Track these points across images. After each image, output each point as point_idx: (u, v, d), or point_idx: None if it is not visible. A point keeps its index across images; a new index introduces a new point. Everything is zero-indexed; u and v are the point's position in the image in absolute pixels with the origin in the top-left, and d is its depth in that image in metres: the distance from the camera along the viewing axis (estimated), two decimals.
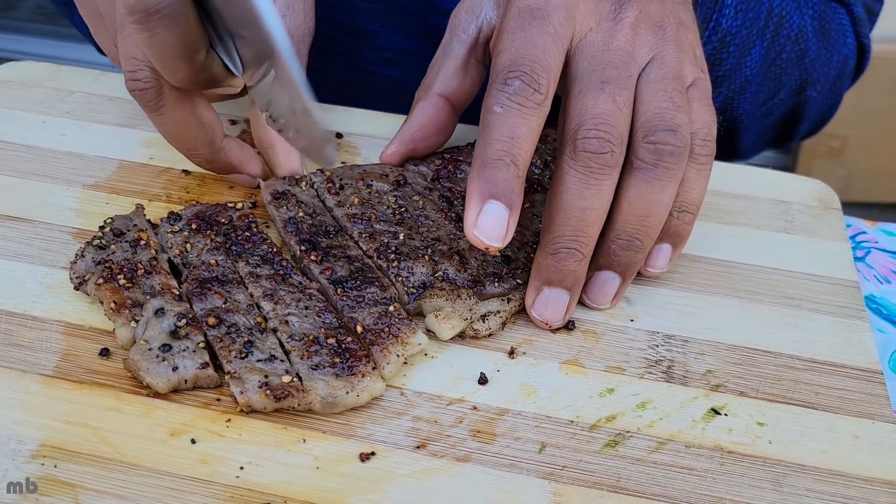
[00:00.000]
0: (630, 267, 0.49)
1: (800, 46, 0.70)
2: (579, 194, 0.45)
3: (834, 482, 0.42)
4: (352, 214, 0.51)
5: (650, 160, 0.46)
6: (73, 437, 0.40)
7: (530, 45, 0.45)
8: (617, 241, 0.47)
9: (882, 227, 0.64)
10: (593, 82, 0.46)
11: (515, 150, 0.43)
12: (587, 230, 0.45)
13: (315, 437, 0.42)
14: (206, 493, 0.39)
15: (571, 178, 0.45)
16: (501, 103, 0.44)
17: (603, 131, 0.44)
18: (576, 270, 0.46)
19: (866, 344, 0.50)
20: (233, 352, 0.43)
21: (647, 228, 0.47)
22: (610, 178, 0.45)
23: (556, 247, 0.46)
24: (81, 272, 0.47)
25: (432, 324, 0.47)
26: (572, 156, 0.45)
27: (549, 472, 0.41)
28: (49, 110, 0.62)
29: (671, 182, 0.47)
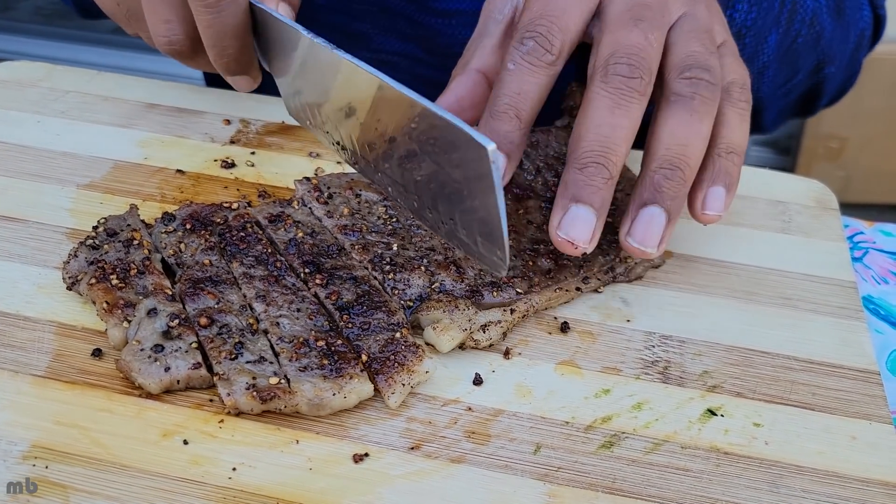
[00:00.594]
0: (675, 200, 0.47)
1: (815, 30, 0.70)
2: (610, 112, 0.45)
3: (830, 483, 0.42)
4: (343, 226, 0.51)
5: (687, 92, 0.47)
6: (65, 438, 0.40)
7: (551, 6, 0.47)
8: (660, 170, 0.46)
9: (880, 228, 0.64)
10: (626, 20, 0.47)
11: (521, 104, 0.46)
12: (616, 148, 0.45)
13: (308, 438, 0.41)
14: (197, 495, 0.39)
15: (602, 98, 0.45)
16: (514, 61, 0.46)
17: (635, 60, 0.45)
18: (603, 189, 0.45)
19: (864, 345, 0.50)
20: (223, 353, 0.42)
21: (688, 158, 0.46)
22: (639, 104, 0.46)
23: (585, 161, 0.45)
24: (74, 272, 0.47)
25: (431, 336, 0.46)
26: (603, 79, 0.46)
27: (543, 474, 0.41)
28: (44, 110, 0.62)
29: (708, 115, 0.47)
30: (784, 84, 0.73)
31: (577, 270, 0.50)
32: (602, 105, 0.45)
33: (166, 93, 0.65)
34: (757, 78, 0.70)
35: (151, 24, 0.52)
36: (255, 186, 0.57)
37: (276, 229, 0.50)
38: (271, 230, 0.50)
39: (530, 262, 0.50)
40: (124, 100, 0.64)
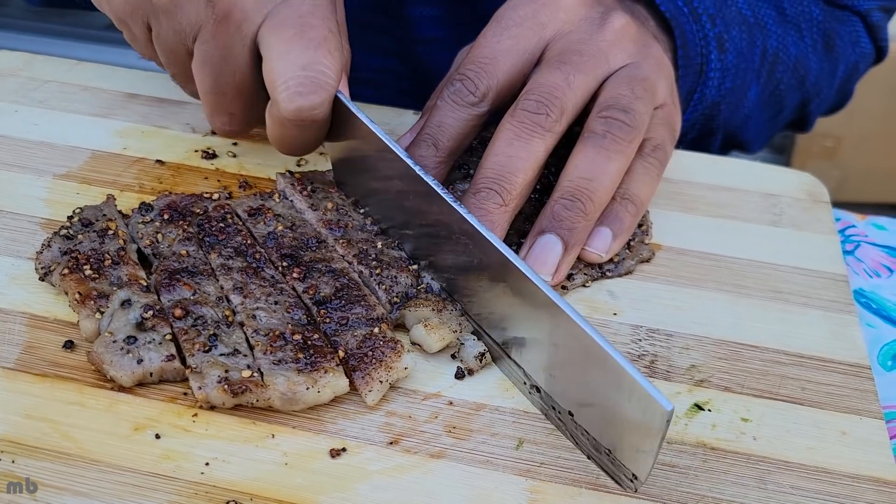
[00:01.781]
0: (572, 232, 0.48)
1: (799, 73, 0.71)
2: (508, 143, 0.47)
3: (819, 479, 0.41)
4: (328, 220, 0.50)
5: (600, 130, 0.49)
6: (33, 432, 0.39)
7: (483, 53, 0.50)
8: (561, 200, 0.48)
9: (872, 221, 0.63)
10: (552, 64, 0.50)
11: (439, 135, 0.50)
12: (510, 177, 0.47)
13: (284, 433, 0.40)
14: (168, 490, 0.37)
15: (505, 130, 0.48)
16: (442, 98, 0.50)
17: (544, 98, 0.48)
18: (493, 213, 0.47)
19: (855, 338, 0.49)
20: (196, 345, 0.41)
21: (590, 192, 0.48)
22: (542, 139, 0.48)
23: (478, 186, 0.47)
24: (47, 262, 0.46)
25: (419, 334, 0.44)
26: (511, 114, 0.48)
27: (525, 469, 0.40)
28: (22, 100, 0.61)
29: (619, 153, 0.49)
30: (769, 121, 0.74)
31: None
32: (504, 137, 0.48)
33: (147, 83, 0.64)
34: (740, 128, 0.71)
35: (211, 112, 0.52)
36: (236, 177, 0.56)
37: (255, 222, 0.49)
38: (251, 223, 0.49)
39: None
40: (104, 90, 0.62)
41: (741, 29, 0.65)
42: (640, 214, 0.52)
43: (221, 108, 0.51)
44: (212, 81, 0.49)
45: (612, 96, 0.50)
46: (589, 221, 0.48)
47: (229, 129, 0.53)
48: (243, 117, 0.52)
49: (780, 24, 0.68)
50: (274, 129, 0.49)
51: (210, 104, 0.51)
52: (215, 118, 0.52)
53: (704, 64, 0.62)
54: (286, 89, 0.46)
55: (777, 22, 0.68)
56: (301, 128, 0.48)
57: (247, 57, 0.48)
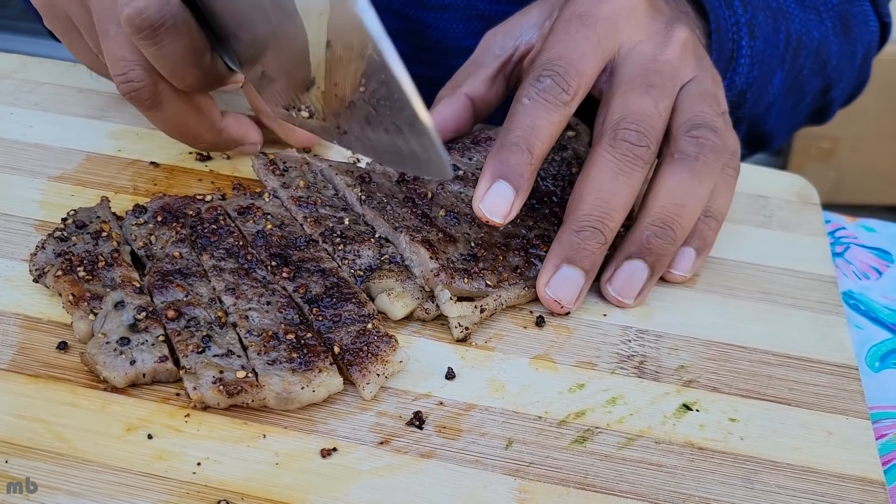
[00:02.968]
0: (660, 259, 0.47)
1: (821, 58, 0.70)
2: (613, 178, 0.46)
3: (806, 479, 0.41)
4: (297, 197, 0.50)
5: (692, 152, 0.47)
6: (26, 433, 0.39)
7: (570, 48, 0.48)
8: (651, 227, 0.47)
9: (862, 223, 0.63)
10: (638, 85, 0.48)
11: (533, 139, 0.46)
12: (613, 214, 0.46)
13: (275, 433, 0.41)
14: (161, 490, 0.38)
15: (607, 162, 0.46)
16: (530, 96, 0.47)
17: (643, 127, 0.47)
18: (595, 253, 0.46)
19: (842, 340, 0.49)
20: (190, 346, 0.42)
21: (682, 219, 0.47)
22: (641, 172, 0.47)
23: (582, 224, 0.46)
24: (41, 264, 0.46)
25: (384, 303, 0.46)
26: (611, 143, 0.47)
27: (515, 469, 0.40)
28: (17, 102, 0.61)
29: (709, 177, 0.48)
30: (791, 111, 0.74)
31: None
32: (607, 169, 0.46)
33: None
34: (763, 116, 0.71)
35: (111, 65, 0.49)
36: (230, 179, 0.56)
37: (244, 221, 0.50)
38: (240, 222, 0.50)
39: (500, 257, 0.49)
40: (99, 92, 0.63)
41: (766, 14, 0.64)
42: (719, 229, 0.51)
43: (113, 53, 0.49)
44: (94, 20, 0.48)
45: (697, 114, 0.49)
46: (677, 247, 0.48)
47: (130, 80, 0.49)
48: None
49: (800, 8, 0.68)
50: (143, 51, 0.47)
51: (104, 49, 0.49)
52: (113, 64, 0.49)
53: (735, 51, 0.62)
54: (121, 6, 0.45)
55: (797, 6, 0.67)
56: (149, 39, 0.45)
57: None
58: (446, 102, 0.55)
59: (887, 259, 0.60)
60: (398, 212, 0.50)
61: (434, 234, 0.49)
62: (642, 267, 0.47)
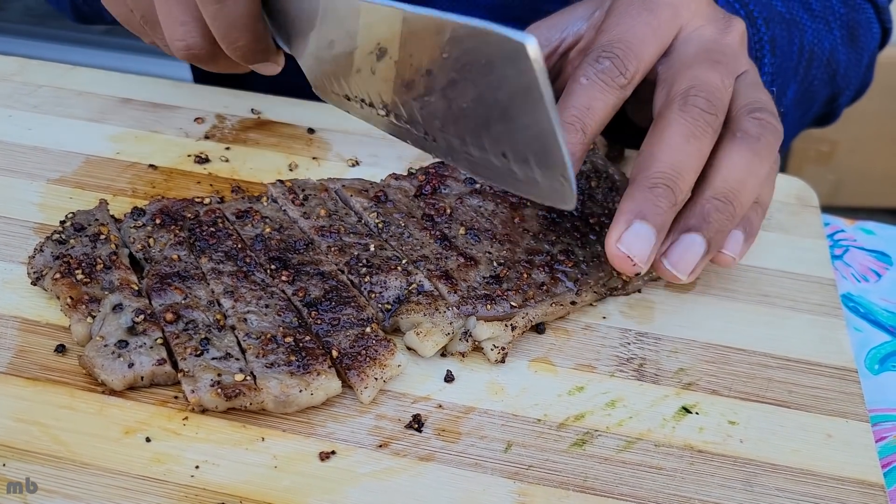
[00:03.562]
0: (718, 234, 0.46)
1: (831, 67, 0.71)
2: (685, 140, 0.46)
3: (805, 481, 0.41)
4: (319, 227, 0.50)
5: (755, 132, 0.47)
6: (24, 436, 0.39)
7: (630, 32, 0.48)
8: (713, 200, 0.46)
9: (861, 226, 0.63)
10: (704, 59, 0.48)
11: (588, 118, 0.46)
12: (685, 176, 0.45)
13: (274, 436, 0.41)
14: (159, 493, 0.38)
15: (679, 125, 0.46)
16: (588, 76, 0.47)
17: (713, 97, 0.47)
18: (666, 212, 0.45)
19: (841, 342, 0.49)
20: (188, 349, 0.42)
21: (741, 195, 0.46)
22: (710, 140, 0.46)
23: (656, 181, 0.45)
24: (39, 267, 0.46)
25: (413, 341, 0.45)
26: (682, 108, 0.46)
27: (514, 472, 0.40)
28: (16, 104, 0.61)
29: (768, 159, 0.47)
30: (800, 118, 0.74)
31: (573, 284, 0.49)
32: (679, 132, 0.46)
33: (141, 88, 0.64)
34: None
35: (167, 27, 0.51)
36: (228, 182, 0.56)
37: (243, 225, 0.50)
38: (238, 226, 0.50)
39: (525, 275, 0.48)
40: (98, 94, 0.63)
41: (782, 27, 0.65)
42: (765, 215, 0.51)
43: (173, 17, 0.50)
44: None
45: (757, 99, 0.49)
46: (734, 225, 0.47)
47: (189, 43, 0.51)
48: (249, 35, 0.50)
49: (811, 18, 0.68)
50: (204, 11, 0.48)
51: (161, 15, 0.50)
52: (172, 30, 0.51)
53: (759, 68, 0.62)
54: None
55: (809, 17, 0.68)
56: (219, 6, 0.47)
57: None
58: None
59: (886, 262, 0.60)
60: (417, 237, 0.50)
61: (454, 261, 0.48)
62: (700, 241, 0.46)
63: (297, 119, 0.63)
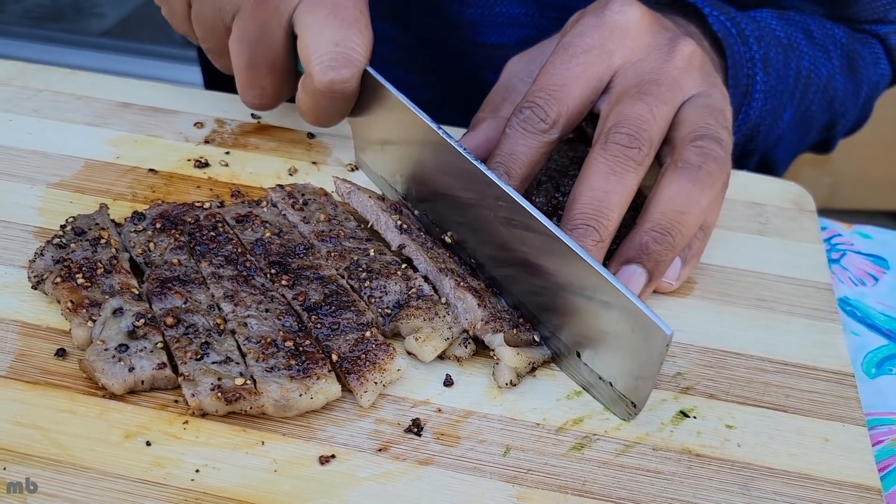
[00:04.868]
0: (658, 265, 0.48)
1: (828, 94, 0.71)
2: (605, 178, 0.47)
3: (803, 485, 0.42)
4: (319, 232, 0.50)
5: (695, 161, 0.48)
6: (24, 439, 0.39)
7: (552, 81, 0.50)
8: (651, 232, 0.47)
9: (858, 230, 0.63)
10: (633, 94, 0.49)
11: (511, 164, 0.50)
12: (607, 213, 0.46)
13: (274, 440, 0.41)
14: (159, 497, 0.38)
15: (599, 164, 0.47)
16: (511, 126, 0.50)
17: (634, 130, 0.48)
18: (592, 250, 0.46)
19: (838, 346, 0.49)
20: (188, 353, 0.42)
21: (681, 227, 0.47)
22: (635, 173, 0.47)
23: (576, 223, 0.46)
24: (40, 271, 0.46)
25: (412, 346, 0.45)
26: (603, 146, 0.48)
27: (513, 476, 0.40)
28: (15, 108, 0.61)
29: (710, 188, 0.48)
30: (798, 142, 0.75)
31: None
32: (598, 171, 0.47)
33: (140, 92, 0.64)
34: (772, 148, 0.71)
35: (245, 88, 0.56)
36: (228, 186, 0.56)
37: (243, 229, 0.50)
38: (238, 230, 0.50)
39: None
40: (97, 99, 0.63)
41: (777, 50, 0.65)
42: (706, 240, 0.52)
43: (254, 83, 0.55)
44: (248, 58, 0.53)
45: (702, 126, 0.49)
46: (675, 254, 0.48)
47: (260, 103, 0.56)
48: (274, 92, 0.56)
49: (810, 45, 0.69)
50: (307, 101, 0.53)
51: (244, 79, 0.55)
52: (248, 92, 0.56)
53: (750, 85, 0.63)
54: (320, 63, 0.51)
55: (807, 43, 0.68)
56: (332, 99, 0.52)
57: (282, 35, 0.52)
58: (489, 123, 0.56)
59: (883, 266, 0.60)
60: (437, 251, 0.50)
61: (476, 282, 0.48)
62: (640, 272, 0.47)
63: (296, 124, 0.63)
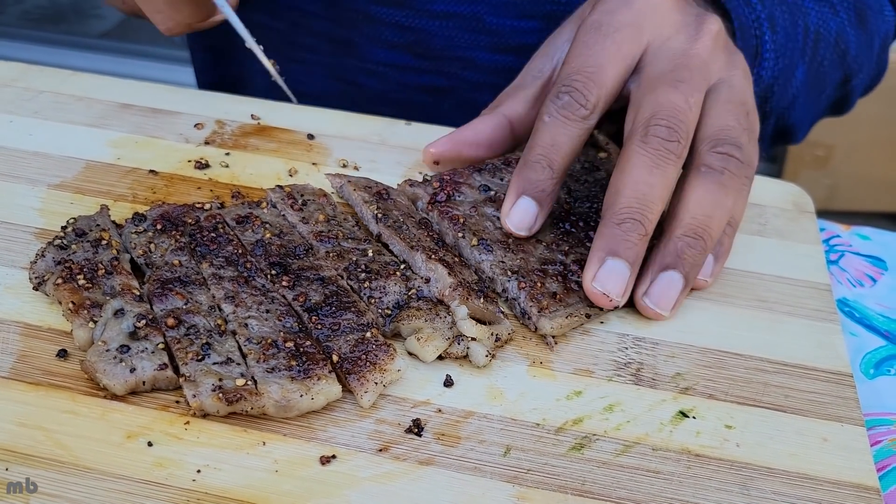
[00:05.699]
0: (693, 269, 0.48)
1: (840, 48, 0.70)
2: (648, 171, 0.47)
3: (802, 485, 0.42)
4: (318, 232, 0.50)
5: (718, 166, 0.48)
6: (26, 440, 0.40)
7: (588, 62, 0.49)
8: (684, 237, 0.48)
9: (856, 231, 0.64)
10: (668, 80, 0.49)
11: (553, 155, 0.49)
12: (651, 206, 0.47)
13: (275, 440, 0.41)
14: (161, 497, 0.38)
15: (640, 157, 0.47)
16: (550, 113, 0.49)
17: (674, 123, 0.47)
18: (637, 245, 0.46)
19: (837, 347, 0.50)
20: (189, 354, 0.42)
21: (710, 229, 0.48)
22: (674, 166, 0.47)
23: (623, 217, 0.46)
24: (41, 272, 0.46)
25: (414, 347, 0.45)
26: (643, 139, 0.47)
27: (513, 476, 0.41)
28: (17, 110, 0.61)
29: (734, 190, 0.49)
30: (814, 102, 0.74)
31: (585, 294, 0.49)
32: (641, 164, 0.47)
33: (141, 93, 0.64)
34: (788, 109, 0.71)
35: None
36: (228, 187, 0.57)
37: (243, 230, 0.50)
38: (239, 231, 0.50)
39: (538, 284, 0.48)
40: (98, 100, 0.63)
41: (782, 9, 0.65)
42: (735, 234, 0.52)
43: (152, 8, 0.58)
44: None
45: (723, 129, 0.49)
46: (706, 256, 0.49)
47: (169, 27, 0.59)
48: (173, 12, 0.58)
49: (814, 1, 0.68)
50: None
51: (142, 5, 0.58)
52: (153, 18, 0.59)
53: (759, 46, 0.62)
54: None
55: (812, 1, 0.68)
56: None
57: None
58: (484, 119, 0.56)
59: (881, 267, 0.60)
60: (415, 232, 0.50)
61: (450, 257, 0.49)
62: (678, 278, 0.48)
63: (296, 125, 0.63)
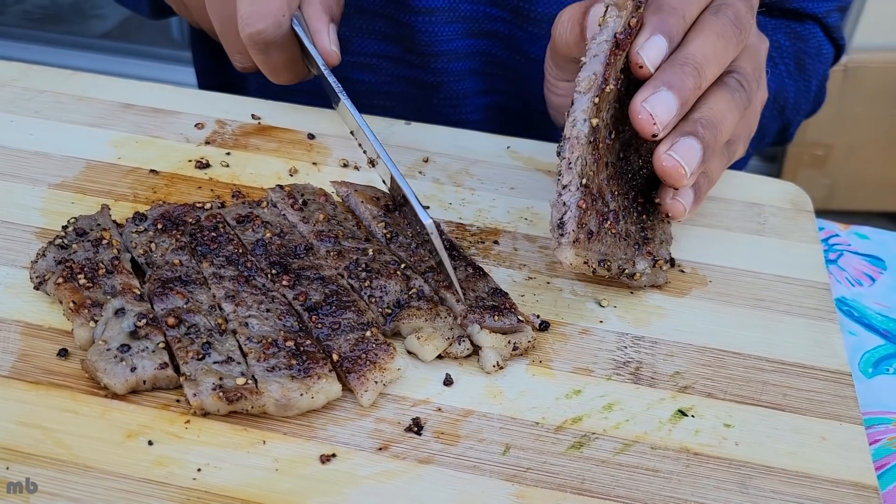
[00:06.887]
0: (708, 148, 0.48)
1: (778, 104, 0.72)
2: (717, 35, 0.49)
3: (800, 484, 0.42)
4: (318, 232, 0.50)
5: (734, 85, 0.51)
6: (27, 439, 0.40)
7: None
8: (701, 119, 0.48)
9: (855, 231, 0.64)
10: None
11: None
12: (711, 65, 0.48)
13: (275, 439, 0.41)
14: (161, 496, 0.38)
15: (712, 23, 0.49)
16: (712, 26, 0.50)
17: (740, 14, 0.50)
18: (691, 91, 0.47)
19: (836, 346, 0.50)
20: (190, 353, 0.42)
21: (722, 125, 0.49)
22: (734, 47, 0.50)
23: (686, 60, 0.47)
24: (42, 272, 0.47)
25: (413, 346, 0.45)
26: (714, 13, 0.49)
27: (512, 474, 0.41)
28: (18, 110, 0.62)
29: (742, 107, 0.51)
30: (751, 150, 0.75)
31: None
32: (712, 27, 0.49)
33: (142, 93, 0.64)
34: None
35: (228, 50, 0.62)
36: (229, 187, 0.57)
37: (244, 230, 0.50)
38: (239, 230, 0.50)
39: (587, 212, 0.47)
40: (99, 100, 0.63)
41: None
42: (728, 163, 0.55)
43: (232, 48, 0.61)
44: (218, 25, 0.60)
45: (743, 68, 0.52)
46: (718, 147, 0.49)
47: (244, 66, 0.62)
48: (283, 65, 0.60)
49: None
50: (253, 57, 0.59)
51: (223, 43, 0.61)
52: (231, 55, 0.62)
53: None
54: (240, 20, 0.56)
55: None
56: (261, 51, 0.58)
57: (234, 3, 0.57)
58: None
59: (880, 266, 0.61)
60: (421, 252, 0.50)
61: (462, 271, 0.49)
62: (698, 146, 0.48)
63: (297, 124, 0.63)
